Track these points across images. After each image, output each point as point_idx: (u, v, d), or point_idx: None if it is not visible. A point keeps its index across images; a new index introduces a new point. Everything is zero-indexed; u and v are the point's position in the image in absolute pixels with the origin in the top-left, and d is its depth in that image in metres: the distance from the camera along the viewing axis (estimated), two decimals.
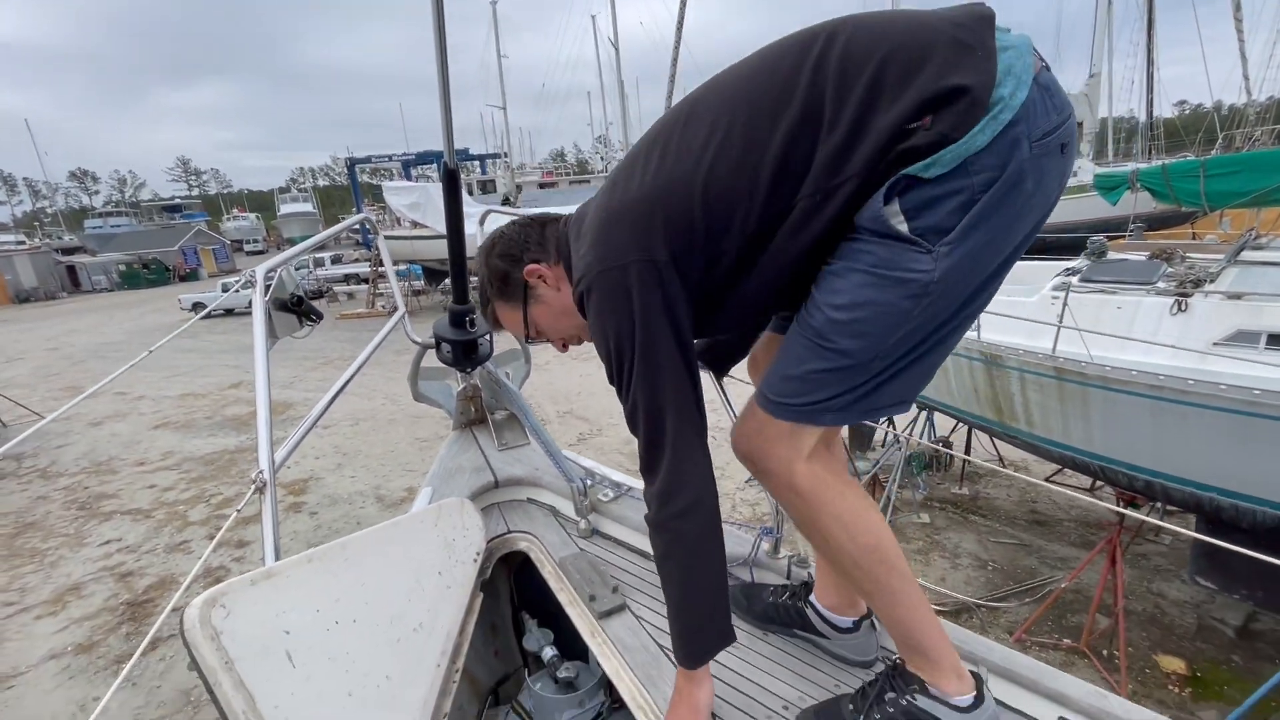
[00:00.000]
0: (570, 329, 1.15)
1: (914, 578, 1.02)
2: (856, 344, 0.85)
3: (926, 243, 0.78)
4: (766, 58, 0.88)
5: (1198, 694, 3.92)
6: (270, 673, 0.88)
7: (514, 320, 1.14)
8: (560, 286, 1.09)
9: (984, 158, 0.75)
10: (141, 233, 44.57)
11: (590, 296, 0.93)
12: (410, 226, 16.62)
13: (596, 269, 0.92)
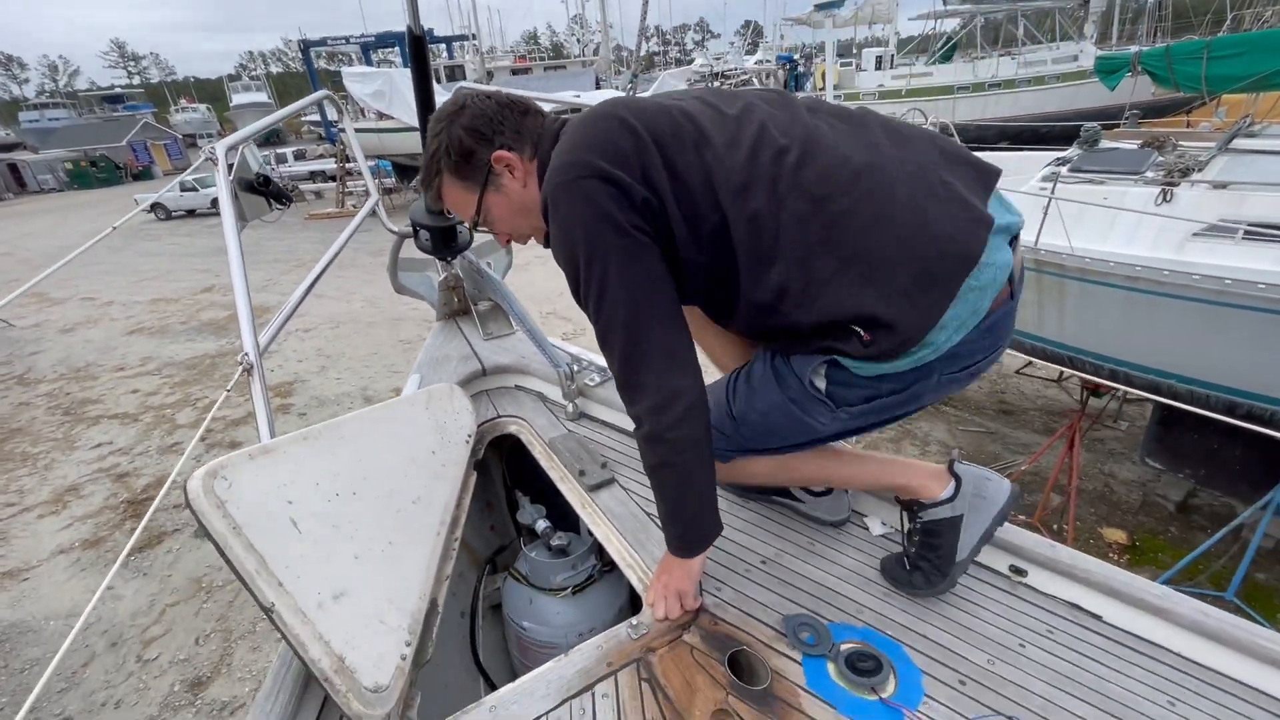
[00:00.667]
0: (523, 227, 1.11)
1: (860, 453, 1.22)
2: (763, 434, 1.12)
3: (833, 404, 1.02)
4: (833, 140, 0.95)
5: (1134, 560, 4.33)
6: (278, 537, 0.92)
7: (462, 201, 1.09)
8: (527, 183, 1.05)
9: (896, 378, 0.97)
10: (83, 126, 41.33)
11: (555, 207, 0.94)
12: (376, 118, 15.55)
13: (565, 177, 0.92)
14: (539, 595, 1.43)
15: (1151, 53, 6.16)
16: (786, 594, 1.14)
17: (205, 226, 17.28)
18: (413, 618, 1.04)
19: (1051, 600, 1.15)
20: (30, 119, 50.54)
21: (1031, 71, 17.96)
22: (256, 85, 59.49)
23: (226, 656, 3.41)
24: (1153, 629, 1.07)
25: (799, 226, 0.90)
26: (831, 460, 1.20)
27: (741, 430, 1.13)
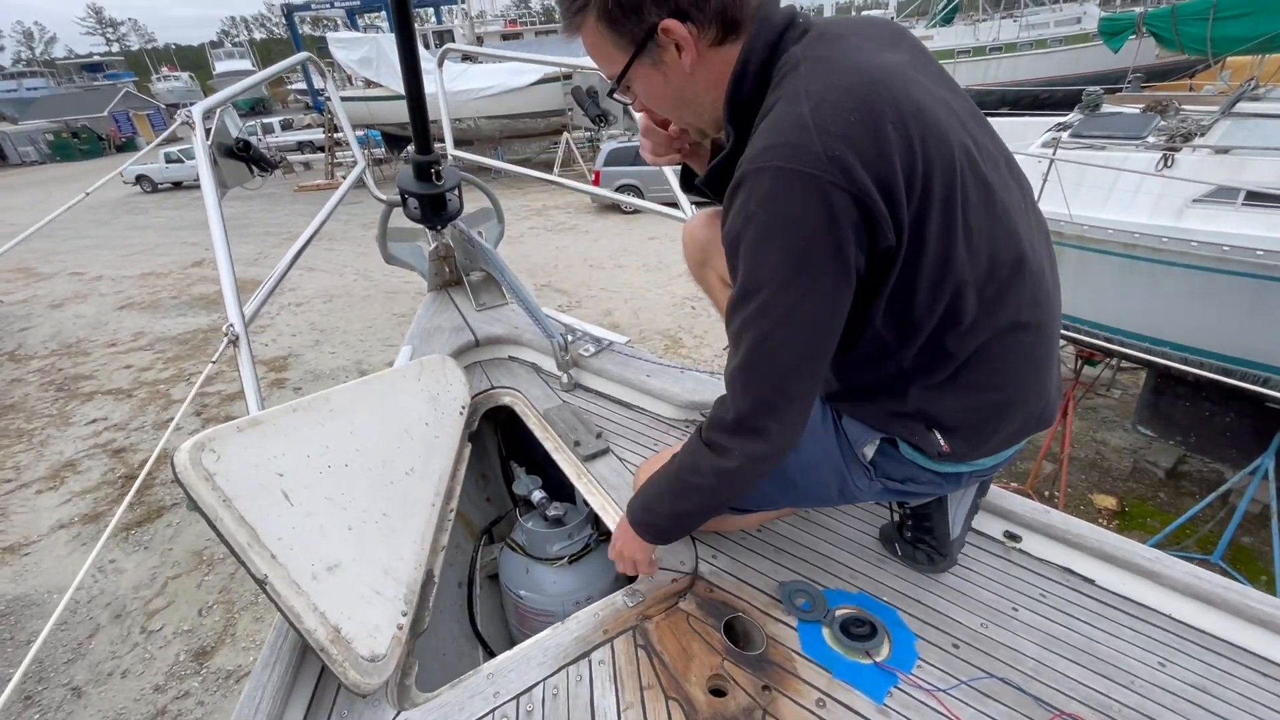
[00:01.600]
0: (676, 114, 0.92)
1: None
2: (785, 485, 1.07)
3: (874, 471, 1.00)
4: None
5: (1124, 525, 4.40)
6: (269, 509, 0.91)
7: (604, 55, 0.84)
8: (695, 72, 0.82)
9: (935, 474, 0.98)
10: (63, 96, 40.34)
11: (777, 182, 0.72)
12: (364, 86, 15.20)
13: (817, 168, 0.70)
14: (535, 565, 1.43)
15: (1156, 13, 6.03)
16: (782, 561, 1.15)
17: (193, 199, 16.97)
18: (409, 588, 1.04)
19: (1045, 565, 1.16)
20: (7, 89, 49.25)
21: (1034, 35, 17.61)
22: (240, 53, 57.94)
23: (230, 627, 3.46)
24: (1144, 592, 1.08)
25: (986, 340, 0.84)
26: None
27: (765, 487, 1.05)
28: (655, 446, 1.46)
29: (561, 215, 12.14)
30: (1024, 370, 0.88)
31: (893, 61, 0.76)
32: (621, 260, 9.20)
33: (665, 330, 6.76)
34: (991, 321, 0.82)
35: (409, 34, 1.44)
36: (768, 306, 0.76)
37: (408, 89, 1.56)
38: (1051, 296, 0.89)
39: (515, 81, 13.71)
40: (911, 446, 0.95)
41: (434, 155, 1.62)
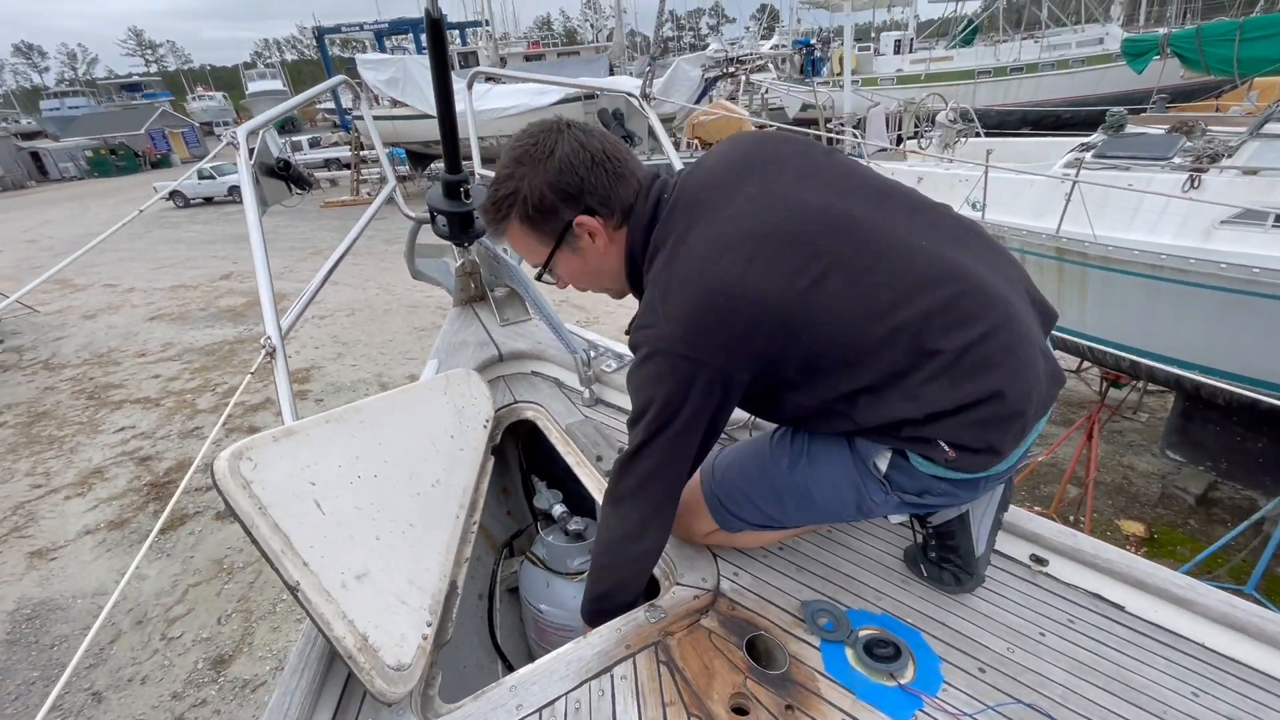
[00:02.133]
0: (593, 284, 1.10)
1: None
2: (803, 506, 1.08)
3: (889, 485, 1.00)
4: (908, 240, 0.91)
5: (1152, 553, 4.28)
6: (302, 517, 0.93)
7: (529, 250, 1.04)
8: (608, 250, 1.01)
9: (950, 483, 0.98)
10: (103, 115, 41.83)
11: (653, 360, 0.91)
12: (390, 105, 15.57)
13: (675, 349, 0.89)
14: (555, 579, 1.44)
15: (1181, 34, 6.00)
16: (804, 580, 1.14)
17: (223, 214, 17.46)
18: (433, 599, 1.05)
19: (1073, 590, 1.14)
20: (51, 107, 51.29)
21: (1055, 55, 17.55)
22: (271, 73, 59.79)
23: (248, 636, 3.49)
24: (1176, 620, 1.06)
25: (948, 361, 0.88)
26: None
27: (784, 504, 1.09)
28: None
29: None
30: (999, 368, 0.88)
31: (731, 228, 0.90)
32: None
33: None
34: (943, 349, 0.87)
35: (443, 58, 1.48)
36: (653, 435, 0.94)
37: (439, 111, 1.60)
38: (1001, 294, 0.91)
39: (537, 101, 13.95)
40: (921, 457, 0.95)
41: (463, 174, 1.66)
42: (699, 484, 1.14)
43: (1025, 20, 21.29)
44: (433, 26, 1.43)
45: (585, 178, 0.95)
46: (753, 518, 1.11)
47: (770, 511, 1.09)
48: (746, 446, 1.16)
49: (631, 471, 0.98)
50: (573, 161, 0.94)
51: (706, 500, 1.14)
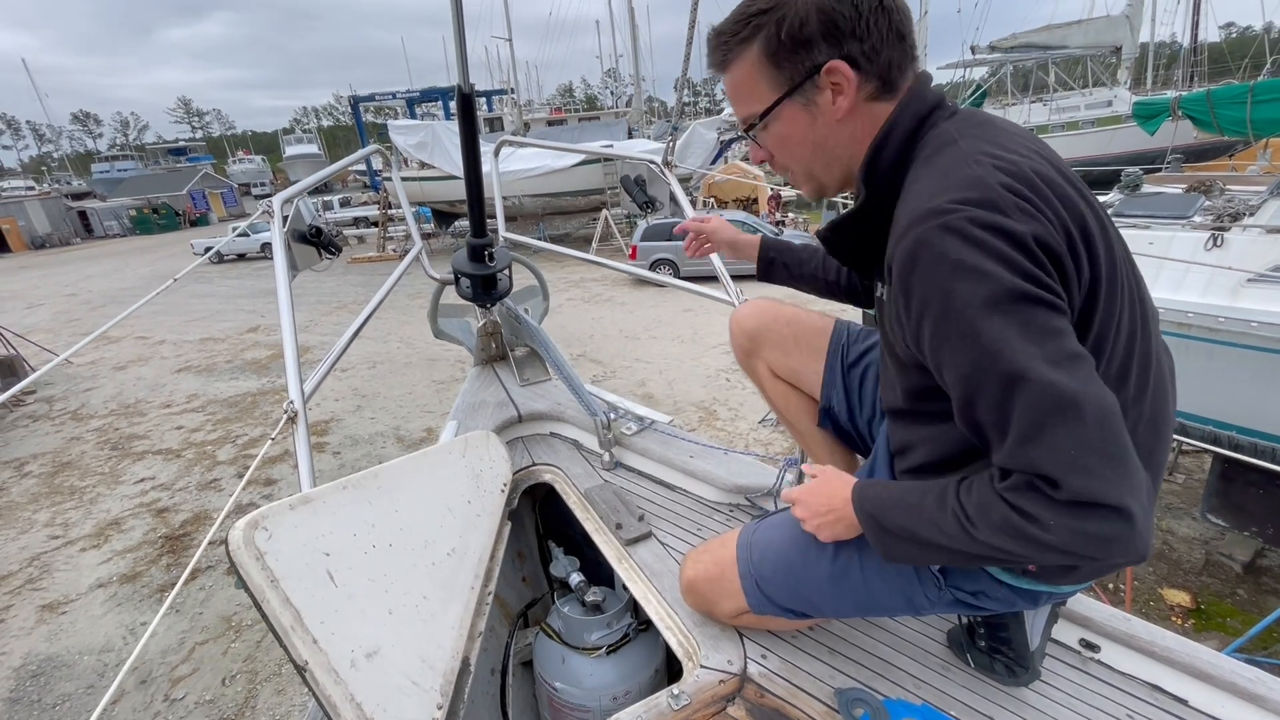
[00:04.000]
0: (801, 162, 0.86)
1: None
2: (839, 595, 0.98)
3: (943, 579, 0.91)
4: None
5: (1200, 625, 4.02)
6: (314, 590, 0.90)
7: (750, 92, 0.82)
8: (846, 120, 0.80)
9: (1010, 589, 0.89)
10: (149, 177, 44.24)
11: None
12: (418, 167, 16.28)
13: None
14: (572, 654, 1.38)
15: (1192, 98, 6.10)
16: (838, 664, 1.08)
17: (254, 270, 18.08)
18: (445, 678, 1.00)
19: (1128, 680, 1.06)
20: (101, 170, 54.45)
21: (1065, 117, 17.91)
22: (308, 137, 63.16)
23: (251, 699, 3.38)
24: (1246, 717, 0.97)
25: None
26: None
27: (825, 591, 0.98)
28: (699, 531, 1.42)
29: (598, 287, 12.47)
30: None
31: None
32: (656, 331, 9.31)
33: (699, 402, 6.72)
34: (1132, 411, 0.73)
35: (472, 132, 1.55)
36: (1048, 362, 0.65)
37: (467, 178, 1.66)
38: (1169, 396, 0.80)
39: (559, 163, 14.52)
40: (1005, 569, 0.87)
41: (488, 239, 1.70)
42: (734, 560, 1.07)
43: (1033, 85, 21.88)
44: (463, 101, 1.49)
45: (865, 16, 0.75)
46: (789, 603, 1.03)
47: (810, 597, 1.01)
48: (787, 525, 1.06)
49: (1098, 436, 0.65)
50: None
51: (742, 580, 1.05)
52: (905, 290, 0.70)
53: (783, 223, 14.43)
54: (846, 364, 1.18)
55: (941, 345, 0.68)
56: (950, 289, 0.65)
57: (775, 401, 1.28)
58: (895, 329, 0.79)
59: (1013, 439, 0.65)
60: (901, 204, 0.74)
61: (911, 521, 0.78)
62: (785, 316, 1.24)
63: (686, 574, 1.14)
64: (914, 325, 0.71)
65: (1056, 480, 0.63)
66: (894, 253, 0.71)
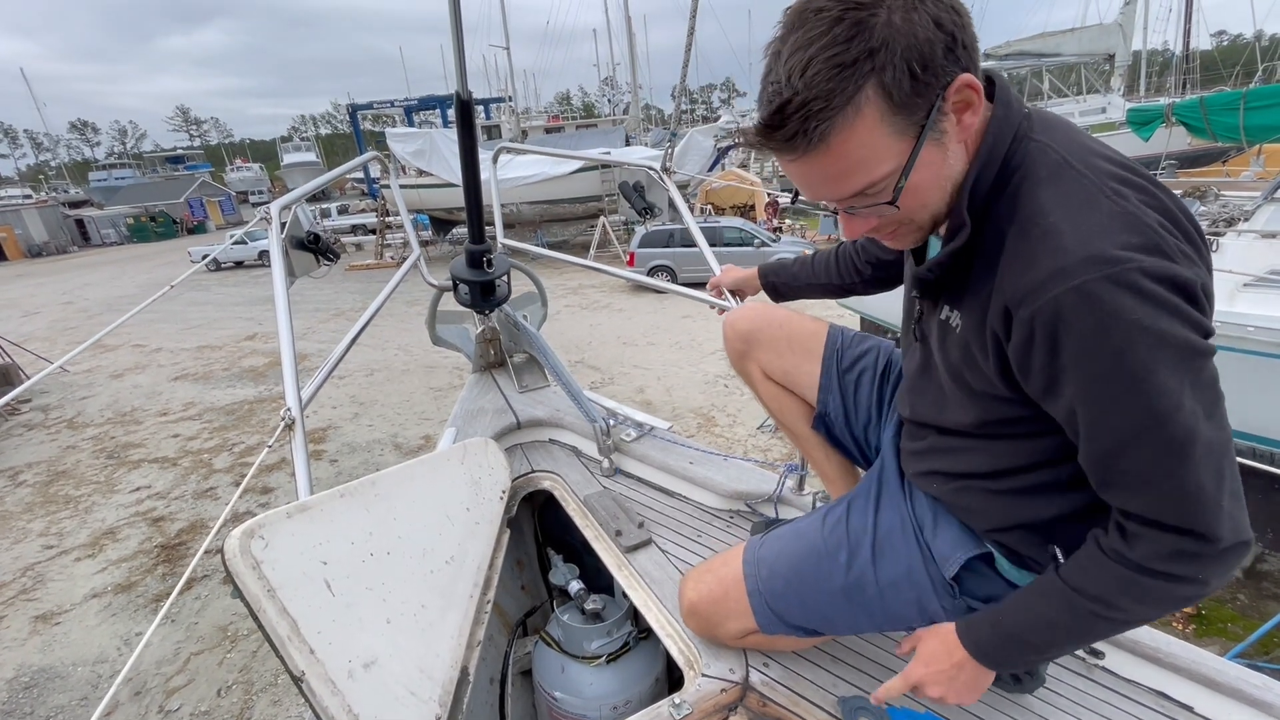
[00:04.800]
0: (936, 205, 0.70)
1: None
2: (852, 610, 0.97)
3: (957, 588, 0.90)
4: None
5: (1201, 631, 4.01)
6: (311, 600, 0.89)
7: (875, 153, 0.63)
8: (965, 140, 0.68)
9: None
10: (146, 185, 44.25)
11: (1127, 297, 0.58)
12: (416, 175, 16.32)
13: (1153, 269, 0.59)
14: (571, 663, 1.36)
15: (1185, 105, 6.14)
16: (841, 672, 1.07)
17: (252, 277, 18.06)
18: (443, 688, 0.99)
19: (1133, 686, 1.05)
20: (99, 178, 54.44)
21: None
22: (306, 145, 63.30)
23: (247, 710, 3.34)
24: None
25: None
26: None
27: (838, 607, 0.96)
28: (699, 539, 1.41)
29: (596, 294, 12.47)
30: None
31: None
32: (654, 338, 9.31)
33: (698, 408, 6.71)
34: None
35: (471, 138, 1.55)
36: (1199, 415, 0.62)
37: (465, 184, 1.66)
38: None
39: (556, 170, 14.57)
40: (1014, 560, 0.85)
41: (486, 245, 1.70)
42: (741, 578, 1.04)
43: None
44: (462, 108, 1.49)
45: (959, 7, 0.62)
46: (802, 620, 1.00)
47: (825, 613, 0.98)
48: (795, 537, 1.04)
49: (1215, 476, 0.64)
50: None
51: (751, 598, 1.02)
52: (1051, 341, 0.62)
53: (780, 229, 14.47)
54: (841, 369, 1.17)
55: (1095, 402, 0.63)
56: (1123, 350, 0.59)
57: (769, 404, 1.27)
58: (964, 355, 0.76)
59: (1171, 495, 0.64)
60: (1025, 238, 0.64)
61: (1042, 638, 0.77)
62: (778, 319, 1.23)
63: (688, 596, 1.11)
64: (1046, 374, 0.65)
65: (1212, 537, 0.64)
66: (1030, 296, 0.62)
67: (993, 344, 0.70)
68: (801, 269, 1.33)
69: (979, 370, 0.74)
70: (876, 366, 1.15)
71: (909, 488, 0.98)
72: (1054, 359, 0.64)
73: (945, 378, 0.83)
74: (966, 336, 0.75)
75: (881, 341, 1.19)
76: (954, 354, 0.78)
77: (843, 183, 0.66)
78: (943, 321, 0.80)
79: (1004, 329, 0.67)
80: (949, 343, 0.79)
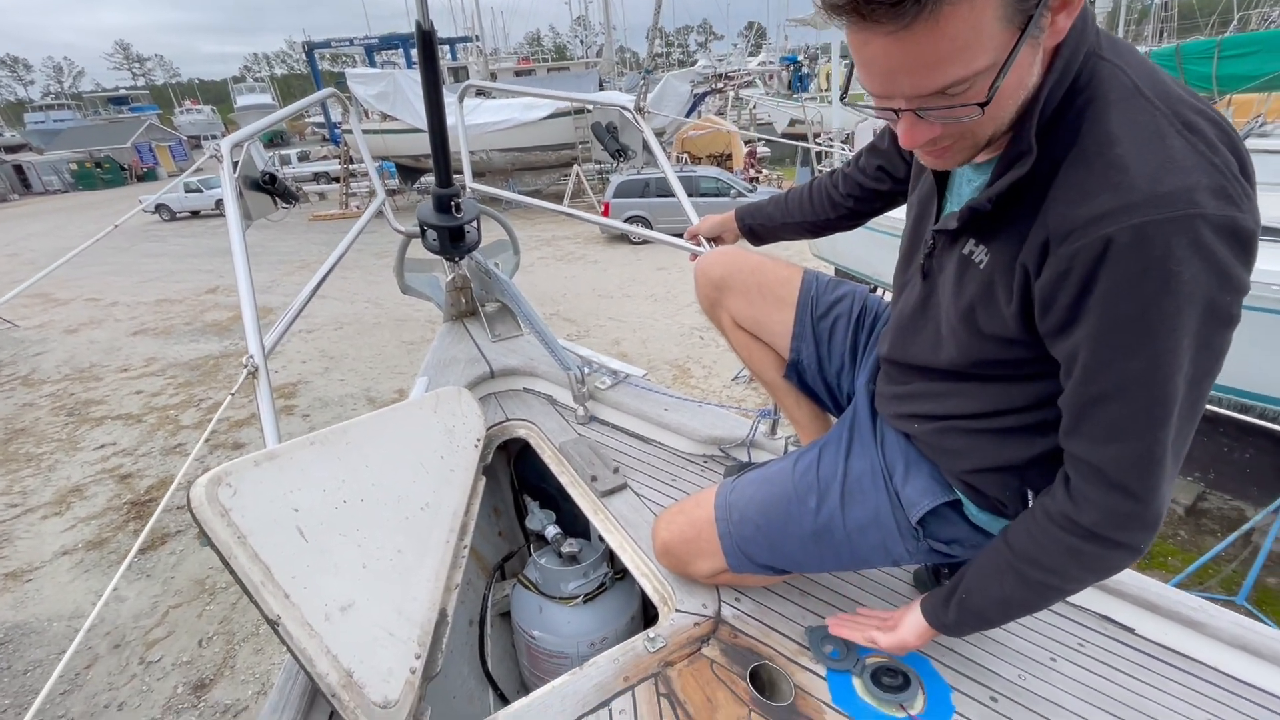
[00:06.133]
0: (1009, 116, 0.64)
1: None
2: (821, 551, 1.00)
3: (921, 531, 0.93)
4: None
5: (1143, 565, 4.28)
6: (284, 546, 0.89)
7: (978, 38, 0.56)
8: (1046, 50, 0.62)
9: (986, 539, 0.91)
10: (89, 128, 41.48)
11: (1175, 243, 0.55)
12: (379, 119, 15.59)
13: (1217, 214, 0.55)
14: (549, 603, 1.40)
15: (1160, 52, 6.12)
16: (809, 605, 1.11)
17: (209, 227, 17.30)
18: (422, 629, 1.01)
19: (1081, 612, 1.11)
20: (36, 120, 50.87)
21: None
22: (260, 87, 59.69)
23: (230, 659, 3.38)
24: (1188, 643, 1.03)
25: None
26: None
27: (808, 548, 0.99)
28: (674, 483, 1.43)
29: (570, 245, 12.27)
30: None
31: None
32: (629, 290, 9.25)
33: (674, 360, 6.75)
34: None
35: (434, 70, 1.46)
36: (1192, 381, 0.62)
37: (430, 124, 1.58)
38: None
39: (527, 116, 14.04)
40: (981, 504, 0.87)
41: (454, 188, 1.64)
42: (713, 521, 1.06)
43: None
44: (423, 39, 1.41)
45: None
46: (770, 560, 1.03)
47: (793, 554, 1.01)
48: (766, 481, 1.06)
49: (1152, 439, 0.65)
50: None
51: (722, 540, 1.05)
52: (1086, 279, 0.60)
53: (756, 179, 14.29)
54: (816, 316, 1.16)
55: (1105, 346, 0.62)
56: (1155, 301, 0.57)
57: (740, 352, 1.27)
58: (983, 293, 0.72)
59: (1133, 454, 0.65)
60: (1086, 168, 0.60)
61: (999, 613, 0.85)
62: (750, 265, 1.21)
63: (661, 536, 1.14)
64: (1067, 312, 0.63)
65: (1150, 502, 0.67)
66: (1080, 231, 0.59)
67: (1020, 281, 0.67)
68: (776, 209, 1.29)
69: (995, 309, 0.71)
70: (852, 313, 1.14)
71: (880, 434, 0.99)
72: (1082, 298, 0.61)
73: (949, 316, 0.80)
74: (992, 273, 0.70)
75: (857, 287, 1.18)
76: (970, 291, 0.74)
77: (935, 72, 0.58)
78: (964, 256, 0.75)
79: (1037, 264, 0.64)
80: (966, 279, 0.75)
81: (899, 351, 0.93)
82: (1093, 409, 0.66)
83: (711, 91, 17.90)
